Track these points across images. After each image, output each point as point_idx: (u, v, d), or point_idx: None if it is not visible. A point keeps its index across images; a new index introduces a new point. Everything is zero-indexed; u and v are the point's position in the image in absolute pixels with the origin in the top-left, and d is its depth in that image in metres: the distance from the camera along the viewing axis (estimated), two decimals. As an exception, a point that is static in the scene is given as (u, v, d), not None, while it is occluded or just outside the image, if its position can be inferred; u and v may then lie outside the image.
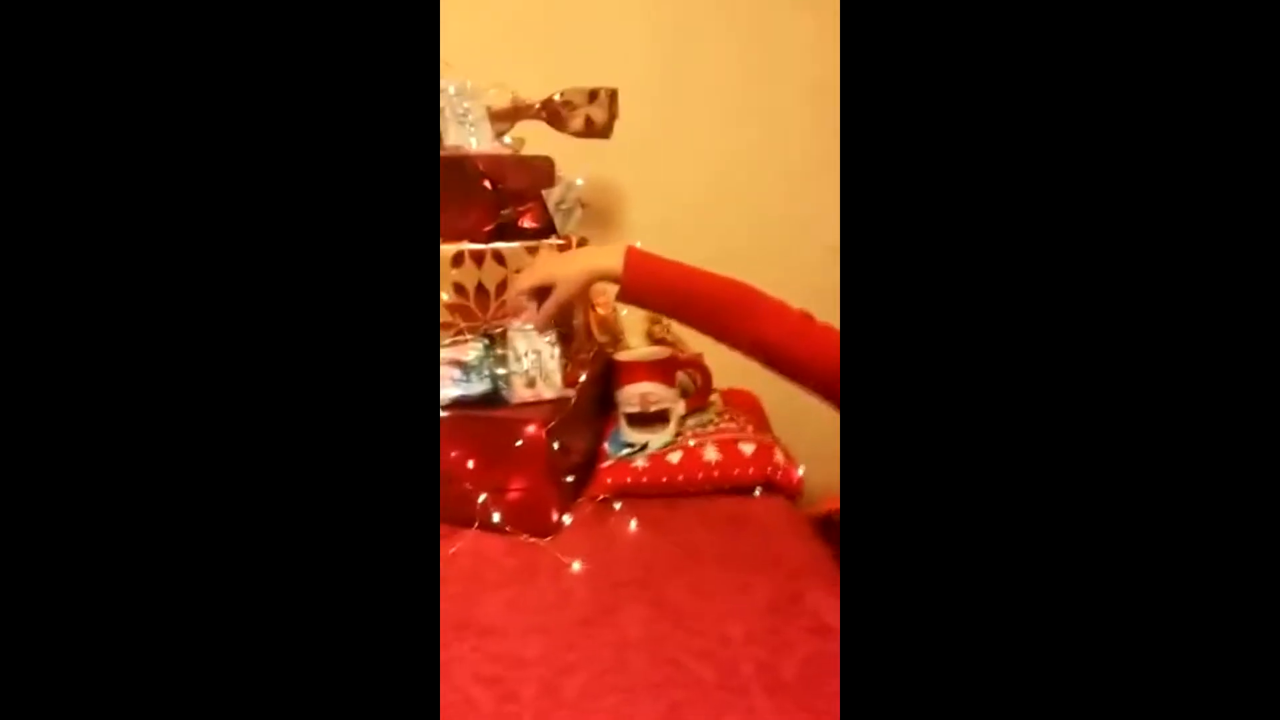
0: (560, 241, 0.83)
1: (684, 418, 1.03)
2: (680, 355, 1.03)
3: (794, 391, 0.88)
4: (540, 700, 0.52)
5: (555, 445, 0.71)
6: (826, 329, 0.70)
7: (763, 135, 1.17)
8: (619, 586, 0.66)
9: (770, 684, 0.52)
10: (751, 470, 0.86)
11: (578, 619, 0.61)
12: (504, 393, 0.79)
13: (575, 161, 0.96)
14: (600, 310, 1.08)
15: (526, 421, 0.72)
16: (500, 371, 0.77)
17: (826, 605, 0.63)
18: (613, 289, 0.68)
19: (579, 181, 0.89)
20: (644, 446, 0.92)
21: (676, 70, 1.15)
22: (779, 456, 0.88)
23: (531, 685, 0.53)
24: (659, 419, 0.98)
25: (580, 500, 0.84)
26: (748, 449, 0.89)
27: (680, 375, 1.02)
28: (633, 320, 1.14)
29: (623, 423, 0.97)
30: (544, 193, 0.85)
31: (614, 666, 0.55)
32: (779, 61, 1.15)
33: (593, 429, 0.96)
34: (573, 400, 0.77)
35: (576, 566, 0.70)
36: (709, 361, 1.04)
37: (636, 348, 1.07)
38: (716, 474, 0.86)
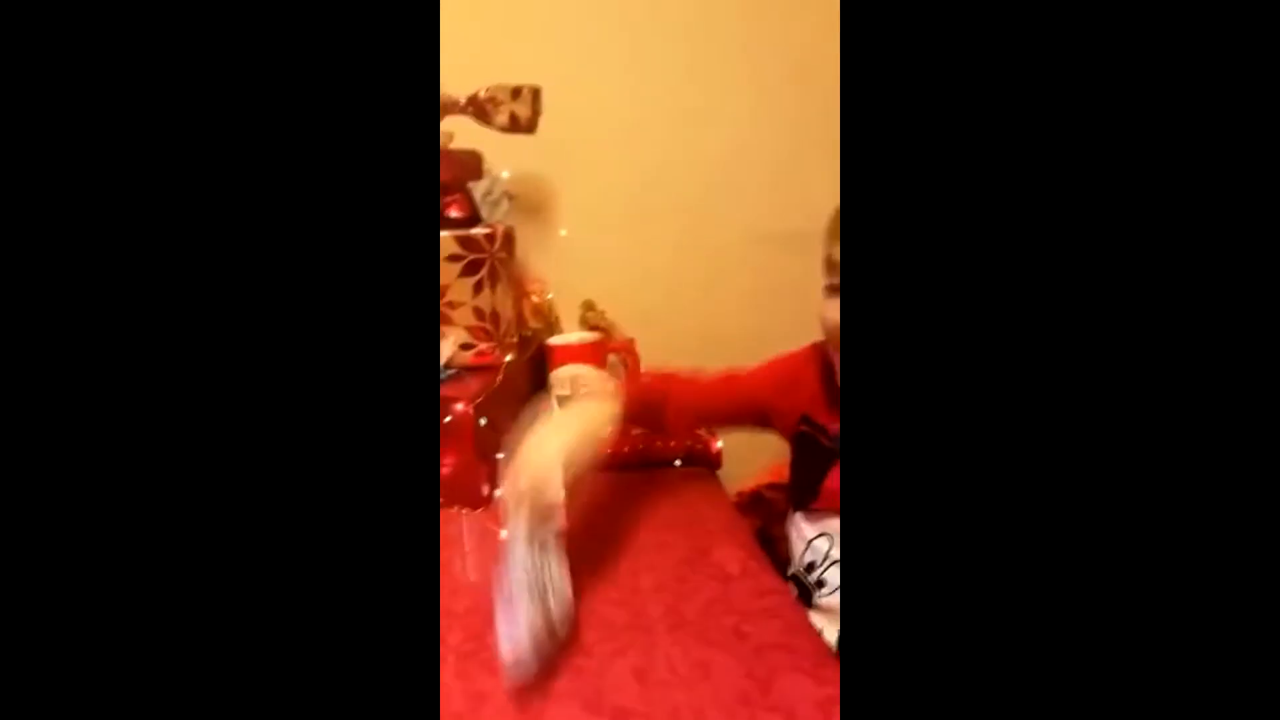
0: (487, 230, 0.87)
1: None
2: (611, 340, 1.09)
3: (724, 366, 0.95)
4: (465, 644, 0.57)
5: (482, 421, 0.76)
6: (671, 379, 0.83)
7: (692, 129, 1.23)
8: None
9: (674, 622, 0.58)
10: (673, 443, 0.93)
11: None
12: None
13: (512, 157, 1.00)
14: (535, 297, 1.12)
15: (454, 400, 0.76)
16: (430, 354, 0.81)
17: (732, 557, 0.70)
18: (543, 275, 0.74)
19: (505, 174, 0.93)
20: (575, 425, 0.97)
21: (605, 66, 1.20)
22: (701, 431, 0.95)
23: (458, 632, 0.58)
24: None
25: (512, 477, 0.88)
26: (671, 425, 0.96)
27: (611, 359, 1.08)
28: (567, 307, 1.20)
29: (555, 404, 1.03)
30: (470, 185, 0.89)
31: (533, 615, 0.60)
32: (708, 57, 1.21)
33: (525, 408, 1.01)
34: (499, 378, 0.81)
35: (505, 534, 0.75)
36: (640, 346, 1.10)
37: (571, 333, 1.13)
38: (641, 446, 0.92)
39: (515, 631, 0.46)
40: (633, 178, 1.24)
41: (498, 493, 0.87)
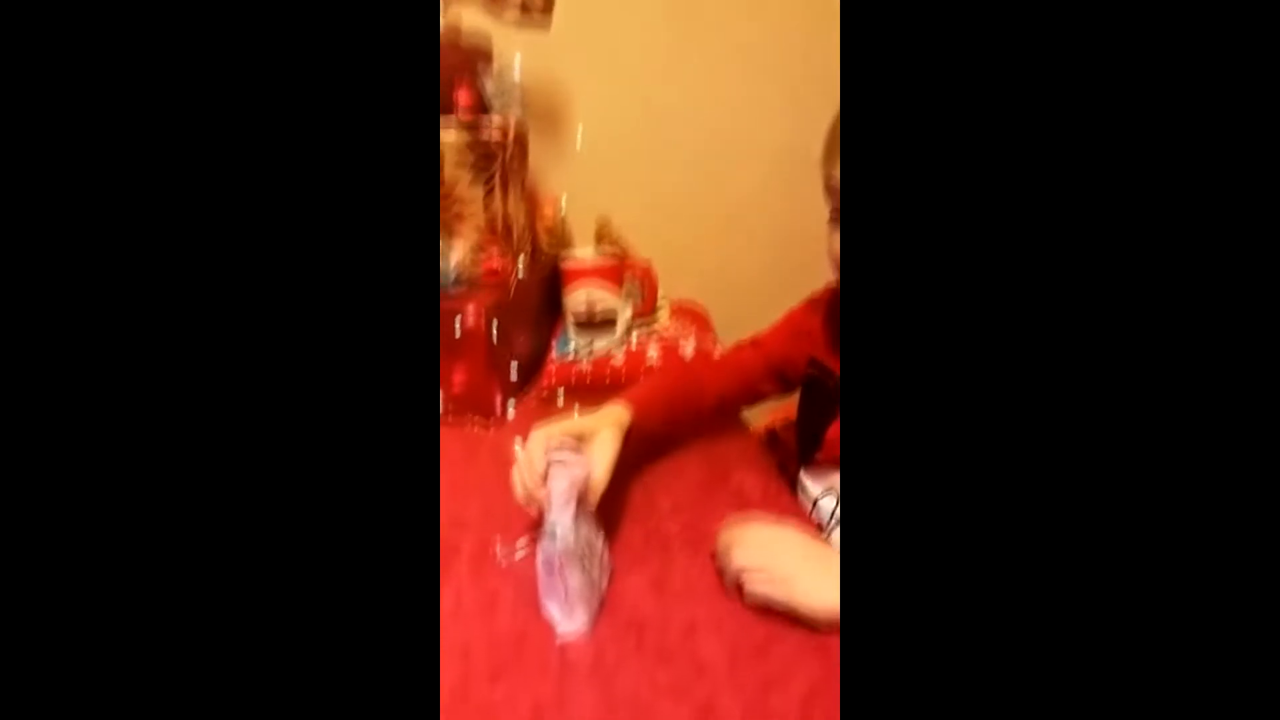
0: (498, 126, 0.81)
1: (630, 325, 1.06)
2: (628, 261, 1.04)
3: (741, 307, 0.90)
4: (478, 555, 0.56)
5: (494, 332, 0.72)
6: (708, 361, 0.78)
7: (717, 44, 1.14)
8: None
9: (691, 539, 0.57)
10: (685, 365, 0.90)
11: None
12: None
13: (525, 58, 0.93)
14: (548, 216, 1.07)
15: (464, 310, 0.73)
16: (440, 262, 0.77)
17: (752, 482, 0.68)
18: (559, 192, 0.68)
19: (517, 59, 0.86)
20: (589, 349, 0.94)
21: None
22: (717, 354, 0.92)
23: (470, 543, 0.57)
24: (605, 324, 1.00)
25: (526, 395, 0.86)
26: (688, 349, 0.93)
27: (627, 281, 1.03)
28: (581, 226, 1.14)
29: (569, 326, 0.99)
30: (480, 70, 0.82)
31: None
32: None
33: (539, 331, 0.98)
34: (511, 290, 0.78)
35: (519, 447, 0.73)
36: (658, 271, 1.06)
37: (586, 249, 1.08)
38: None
39: (566, 598, 0.47)
40: (653, 90, 1.16)
41: (510, 410, 0.85)
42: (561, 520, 0.47)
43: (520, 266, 0.80)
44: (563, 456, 0.52)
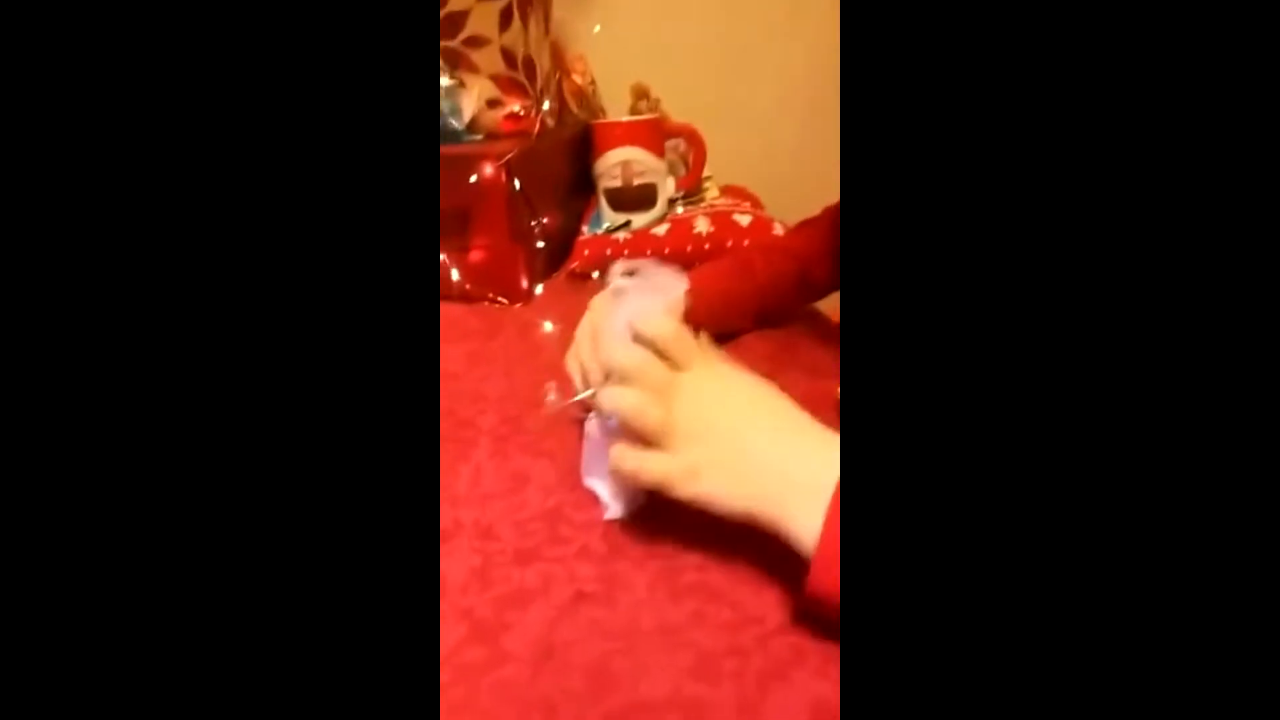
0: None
1: (673, 201, 0.92)
2: (669, 122, 0.89)
3: (797, 198, 0.75)
4: (500, 427, 0.46)
5: (516, 184, 0.60)
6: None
7: None
8: (594, 342, 0.59)
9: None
10: (747, 242, 0.77)
11: (546, 364, 0.55)
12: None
13: None
14: (577, 78, 0.92)
15: (483, 158, 0.61)
16: (449, 105, 0.65)
17: (820, 355, 0.57)
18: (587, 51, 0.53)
19: None
20: (626, 225, 0.82)
21: None
22: (779, 229, 0.78)
23: (491, 417, 0.48)
24: (644, 198, 0.87)
25: (555, 276, 0.75)
26: (743, 220, 0.79)
27: (669, 146, 0.89)
28: (615, 91, 0.99)
29: (603, 202, 0.86)
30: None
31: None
32: None
33: (568, 206, 0.85)
34: (534, 135, 0.65)
35: (549, 326, 0.63)
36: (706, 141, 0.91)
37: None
38: (708, 246, 0.77)
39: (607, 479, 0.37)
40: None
41: (538, 289, 0.74)
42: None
43: (546, 114, 0.67)
44: (640, 269, 0.38)
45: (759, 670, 0.28)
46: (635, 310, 0.35)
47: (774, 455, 0.30)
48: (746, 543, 0.34)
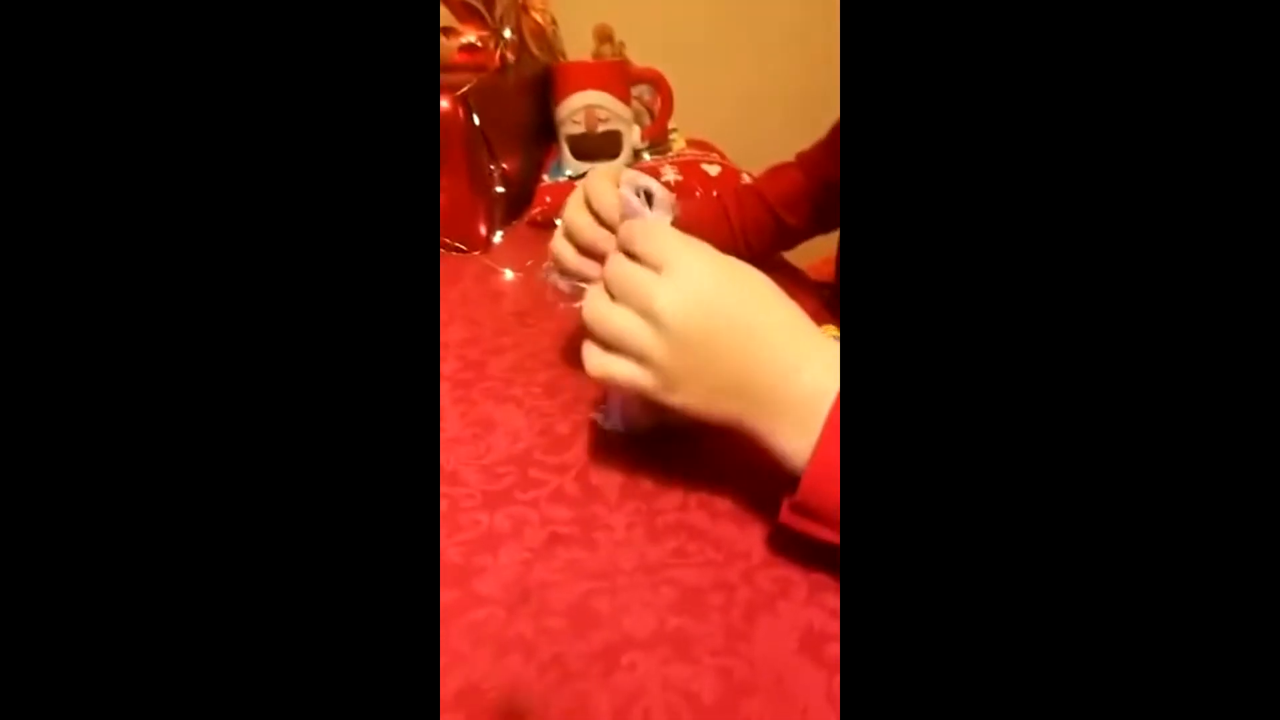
0: None
1: (638, 151, 0.89)
2: (635, 67, 0.85)
3: (767, 151, 0.73)
4: (462, 373, 0.44)
5: (476, 120, 0.56)
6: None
7: None
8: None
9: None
10: (716, 192, 0.75)
11: (510, 312, 0.52)
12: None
13: None
14: (537, 16, 0.87)
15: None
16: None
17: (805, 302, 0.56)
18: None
19: None
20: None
21: None
22: (746, 179, 0.77)
23: (452, 363, 0.45)
24: (608, 146, 0.83)
25: (515, 224, 0.71)
26: (712, 170, 0.77)
27: (634, 92, 0.85)
28: (576, 29, 0.94)
29: (564, 149, 0.82)
30: None
31: (549, 346, 0.47)
32: None
33: (528, 152, 0.81)
34: (494, 68, 0.61)
35: (509, 274, 0.60)
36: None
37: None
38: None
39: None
40: None
41: (497, 237, 0.71)
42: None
43: (506, 45, 0.62)
44: (644, 183, 0.36)
45: (746, 602, 0.27)
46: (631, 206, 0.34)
47: (758, 364, 0.27)
48: (726, 483, 0.33)
